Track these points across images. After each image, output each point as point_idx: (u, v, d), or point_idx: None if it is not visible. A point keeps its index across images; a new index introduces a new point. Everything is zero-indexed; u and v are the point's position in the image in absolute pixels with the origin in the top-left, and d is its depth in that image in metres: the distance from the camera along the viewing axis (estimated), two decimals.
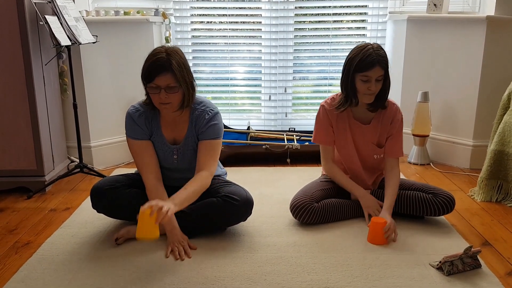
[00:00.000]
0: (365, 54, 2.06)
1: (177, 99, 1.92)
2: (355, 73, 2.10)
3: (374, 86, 2.10)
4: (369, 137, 2.27)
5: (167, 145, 2.07)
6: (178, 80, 1.88)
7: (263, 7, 3.54)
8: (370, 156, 2.31)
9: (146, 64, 1.89)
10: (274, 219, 2.30)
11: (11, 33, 2.51)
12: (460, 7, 3.20)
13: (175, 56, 1.89)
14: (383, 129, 2.26)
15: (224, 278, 1.77)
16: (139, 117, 2.03)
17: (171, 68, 1.86)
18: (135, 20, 3.18)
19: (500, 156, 2.53)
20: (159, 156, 2.09)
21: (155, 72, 1.86)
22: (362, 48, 2.09)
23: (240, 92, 3.73)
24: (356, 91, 2.14)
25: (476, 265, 1.83)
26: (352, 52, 2.13)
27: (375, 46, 2.10)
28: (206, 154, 2.02)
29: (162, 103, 1.91)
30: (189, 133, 2.06)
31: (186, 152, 2.09)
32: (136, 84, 3.20)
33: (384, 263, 1.88)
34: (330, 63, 3.61)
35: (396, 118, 2.25)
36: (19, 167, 2.69)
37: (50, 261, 1.91)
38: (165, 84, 1.87)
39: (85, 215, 2.36)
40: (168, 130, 2.07)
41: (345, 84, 2.16)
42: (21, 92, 2.59)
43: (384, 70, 2.09)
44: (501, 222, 2.31)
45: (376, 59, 2.06)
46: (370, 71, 2.07)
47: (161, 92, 1.88)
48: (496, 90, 2.96)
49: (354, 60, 2.10)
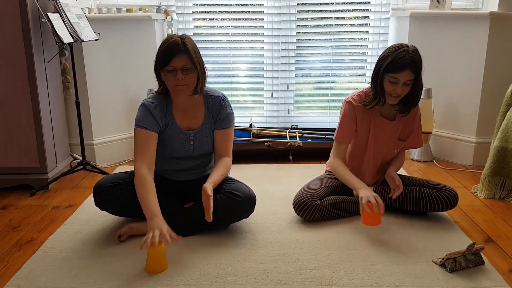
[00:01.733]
0: (398, 55, 2.02)
1: (193, 81, 1.97)
2: (385, 72, 2.07)
3: (401, 89, 2.06)
4: (391, 134, 2.27)
5: (183, 132, 2.08)
6: (194, 61, 1.94)
7: (265, 4, 3.53)
8: (389, 151, 2.31)
9: (162, 48, 1.95)
10: (276, 216, 2.30)
11: (14, 31, 2.51)
12: (463, 3, 3.19)
13: (188, 40, 1.97)
14: (406, 126, 2.29)
15: (226, 275, 1.77)
16: (155, 109, 2.03)
17: (186, 49, 1.92)
18: (137, 17, 3.18)
19: (504, 153, 2.52)
20: (175, 147, 2.09)
21: (171, 54, 1.91)
22: (397, 48, 2.05)
23: (242, 89, 3.73)
24: (383, 91, 2.12)
25: (479, 262, 1.83)
26: (387, 50, 2.09)
27: (411, 48, 2.05)
28: (225, 142, 2.13)
29: (178, 85, 1.95)
30: (206, 119, 2.09)
31: (203, 138, 2.11)
32: (139, 81, 3.23)
33: (387, 259, 1.88)
34: (333, 59, 3.60)
35: (417, 115, 2.30)
36: (22, 164, 2.69)
37: (53, 258, 1.92)
38: (181, 65, 1.92)
39: (88, 212, 2.37)
40: (182, 119, 2.08)
41: (375, 81, 2.14)
42: (23, 90, 2.59)
43: (414, 74, 2.05)
44: (504, 219, 2.31)
45: (408, 63, 2.01)
46: (400, 73, 2.03)
47: (178, 73, 1.92)
48: (499, 86, 2.95)
49: (386, 59, 2.06)
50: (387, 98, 2.13)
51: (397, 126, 2.27)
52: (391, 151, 2.32)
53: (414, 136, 2.33)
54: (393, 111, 2.24)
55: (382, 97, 2.14)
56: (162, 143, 2.09)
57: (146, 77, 3.16)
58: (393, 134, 2.27)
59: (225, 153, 2.13)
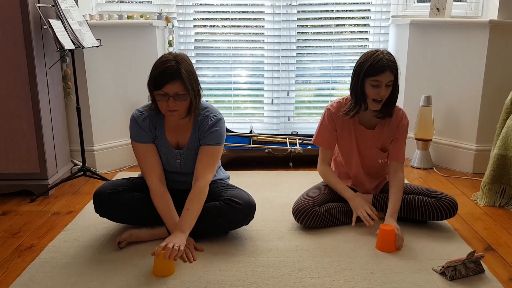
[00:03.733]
0: (375, 59, 2.07)
1: (185, 106, 1.93)
2: (365, 77, 2.10)
3: (384, 91, 2.09)
4: (373, 142, 2.26)
5: (171, 150, 2.08)
6: (187, 88, 1.89)
7: (266, 11, 3.55)
8: (374, 161, 2.30)
9: (155, 71, 1.89)
10: (276, 223, 2.30)
11: (15, 37, 2.53)
12: (463, 11, 3.20)
13: (184, 64, 1.89)
14: (388, 134, 2.25)
15: (226, 283, 1.77)
16: (144, 121, 2.04)
17: (180, 77, 1.86)
18: (139, 24, 3.19)
19: (503, 160, 2.52)
20: (162, 160, 2.10)
21: (164, 80, 1.86)
22: (373, 53, 2.10)
23: (242, 96, 3.74)
24: (365, 97, 2.13)
25: (479, 270, 1.83)
26: (362, 57, 2.13)
27: (385, 52, 2.11)
28: (205, 160, 2.02)
29: (169, 110, 1.92)
30: (192, 137, 2.06)
31: (189, 157, 2.09)
32: (140, 87, 3.24)
33: (386, 267, 1.87)
34: (333, 67, 3.62)
35: (402, 123, 2.24)
36: (22, 170, 2.69)
37: (53, 265, 1.91)
38: (174, 92, 1.88)
39: (88, 219, 2.37)
40: (172, 135, 2.08)
41: (355, 89, 2.15)
42: (24, 96, 2.60)
43: (394, 75, 2.09)
44: (504, 227, 2.31)
45: (386, 64, 2.06)
46: (381, 75, 2.07)
47: (170, 99, 1.89)
48: (499, 94, 2.96)
49: (364, 64, 2.10)
50: (370, 104, 2.14)
51: (379, 135, 2.25)
52: (376, 161, 2.30)
53: (397, 146, 2.23)
54: (373, 119, 2.23)
55: (363, 103, 2.15)
56: None
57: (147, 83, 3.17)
58: (374, 142, 2.26)
59: (201, 174, 1.98)
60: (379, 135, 2.25)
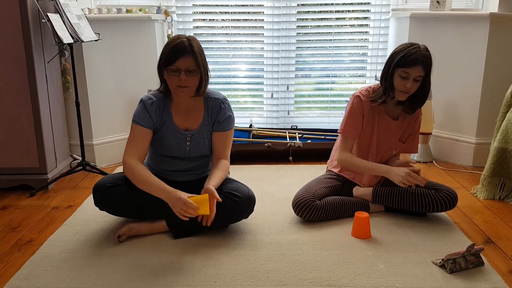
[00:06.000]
0: (410, 51, 2.07)
1: (195, 83, 1.97)
2: (396, 67, 2.10)
3: (411, 85, 2.09)
4: (394, 132, 2.29)
5: (181, 132, 2.08)
6: (198, 64, 1.93)
7: (266, 4, 3.53)
8: (390, 151, 2.32)
9: (168, 47, 1.94)
10: (276, 217, 2.30)
11: (14, 31, 2.51)
12: (463, 4, 3.19)
13: (195, 42, 1.96)
14: (408, 126, 2.30)
15: (226, 276, 1.77)
16: (151, 105, 2.04)
17: (192, 51, 1.92)
18: (137, 17, 3.18)
19: (503, 153, 2.52)
20: (171, 145, 2.09)
21: (177, 54, 1.90)
22: (410, 45, 2.10)
23: (242, 90, 3.73)
24: (393, 86, 2.14)
25: (478, 263, 1.83)
26: (399, 47, 2.14)
27: (423, 47, 2.10)
28: (223, 144, 2.12)
29: (180, 86, 1.94)
30: (205, 121, 2.09)
31: (199, 140, 2.10)
32: (139, 81, 3.23)
33: (386, 260, 1.87)
34: (333, 60, 3.60)
35: (419, 117, 2.32)
36: (22, 165, 2.69)
37: (52, 259, 1.91)
38: (186, 67, 1.92)
39: (88, 213, 2.37)
40: (180, 119, 2.08)
41: (385, 77, 2.16)
42: (23, 90, 2.59)
43: (425, 71, 2.09)
44: (504, 220, 2.31)
45: (419, 58, 2.06)
46: (411, 68, 2.07)
47: (181, 74, 1.92)
48: (499, 87, 2.95)
49: (398, 54, 2.10)
50: (396, 94, 2.15)
51: (400, 126, 2.29)
52: (390, 151, 2.32)
53: (412, 139, 2.35)
54: (398, 110, 2.26)
55: (391, 92, 2.16)
56: (159, 141, 2.09)
57: (146, 77, 3.16)
58: (395, 133, 2.29)
59: (223, 156, 2.11)
60: (401, 127, 2.29)
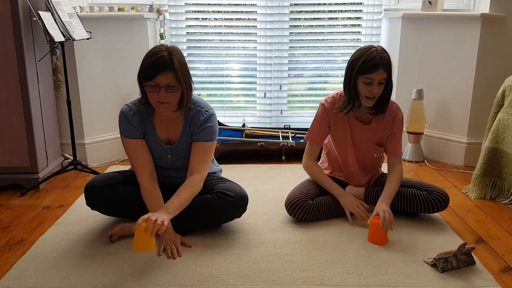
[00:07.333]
0: (369, 56, 2.03)
1: (176, 98, 1.91)
2: (358, 75, 2.07)
3: (377, 89, 2.07)
4: (369, 137, 2.25)
5: (161, 145, 2.06)
6: (179, 80, 1.86)
7: (258, 4, 3.53)
8: (370, 155, 2.30)
9: (147, 62, 1.86)
10: (269, 216, 2.30)
11: (4, 29, 2.49)
12: (455, 5, 3.21)
13: (176, 55, 1.87)
14: (384, 129, 2.25)
15: (219, 276, 1.77)
16: (133, 116, 2.01)
17: (172, 67, 1.84)
18: (130, 16, 3.16)
19: (494, 153, 2.54)
20: (153, 155, 2.08)
21: (156, 70, 1.83)
22: (366, 50, 2.06)
23: (235, 89, 3.72)
24: (358, 94, 2.12)
25: (470, 262, 1.84)
26: (356, 53, 2.10)
27: (379, 48, 2.07)
28: (199, 156, 2.01)
29: (160, 102, 1.89)
30: (183, 133, 2.04)
31: (181, 152, 2.08)
32: (131, 80, 3.19)
33: (378, 260, 1.88)
34: (325, 60, 3.61)
35: (397, 117, 2.24)
36: (13, 164, 2.67)
37: (43, 259, 1.90)
38: (166, 83, 1.85)
39: (79, 213, 2.35)
40: (162, 130, 2.05)
41: (348, 85, 2.13)
42: (14, 89, 2.57)
43: (387, 73, 2.07)
44: (495, 219, 2.32)
45: (380, 62, 2.03)
46: (373, 73, 2.04)
47: (161, 90, 1.86)
48: (490, 87, 2.97)
49: (357, 62, 2.06)
50: (363, 101, 2.12)
51: (375, 129, 2.24)
52: (371, 156, 2.30)
53: (395, 141, 2.25)
54: (368, 114, 2.22)
55: (356, 100, 2.13)
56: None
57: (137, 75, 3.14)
58: (369, 137, 2.25)
59: (196, 170, 1.98)
60: (375, 130, 2.25)
